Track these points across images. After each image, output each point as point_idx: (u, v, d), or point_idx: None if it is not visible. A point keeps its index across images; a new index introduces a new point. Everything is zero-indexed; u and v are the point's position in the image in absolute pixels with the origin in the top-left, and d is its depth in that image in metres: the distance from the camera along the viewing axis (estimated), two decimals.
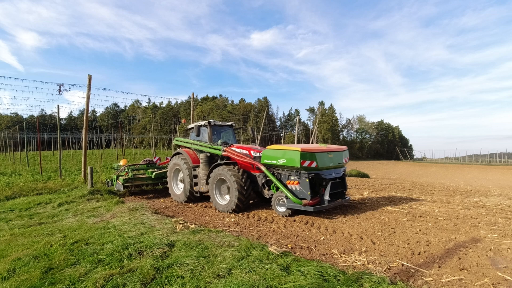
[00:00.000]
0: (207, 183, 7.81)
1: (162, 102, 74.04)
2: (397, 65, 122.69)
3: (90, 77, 10.99)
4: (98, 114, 76.04)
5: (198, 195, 8.41)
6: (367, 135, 70.53)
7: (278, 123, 71.35)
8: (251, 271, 3.37)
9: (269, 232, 5.45)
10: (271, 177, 6.66)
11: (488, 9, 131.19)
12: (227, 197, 7.38)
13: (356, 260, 3.98)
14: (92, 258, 3.94)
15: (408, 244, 4.61)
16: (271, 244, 4.44)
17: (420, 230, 5.38)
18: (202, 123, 8.84)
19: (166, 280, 3.29)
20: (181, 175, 8.86)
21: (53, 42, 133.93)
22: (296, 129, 25.44)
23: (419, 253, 4.19)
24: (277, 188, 6.66)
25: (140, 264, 3.68)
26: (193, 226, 5.63)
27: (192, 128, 9.22)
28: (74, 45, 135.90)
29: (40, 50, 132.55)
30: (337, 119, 65.33)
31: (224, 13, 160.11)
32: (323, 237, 5.07)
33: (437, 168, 28.01)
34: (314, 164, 6.13)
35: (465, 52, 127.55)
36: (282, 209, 6.60)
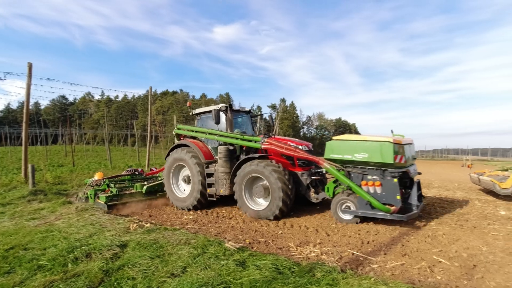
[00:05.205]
0: (231, 183, 6.36)
1: (117, 95, 69.81)
2: (355, 65, 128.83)
3: (30, 65, 9.93)
4: (42, 107, 69.24)
5: (214, 199, 6.73)
6: (326, 132, 73.54)
7: None
8: (206, 268, 3.32)
9: (228, 228, 5.43)
10: (340, 177, 5.32)
11: (436, 17, 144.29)
12: (261, 200, 6.15)
13: (311, 251, 4.13)
14: (30, 265, 3.57)
15: (359, 234, 4.90)
16: (228, 240, 4.43)
17: (370, 221, 5.75)
18: (219, 106, 7.01)
19: (115, 283, 3.10)
20: (186, 173, 7.21)
21: None
22: (258, 125, 25.66)
23: (368, 242, 4.48)
24: (335, 190, 5.63)
25: (87, 268, 3.43)
26: (148, 225, 5.39)
27: (202, 113, 7.52)
28: (11, 28, 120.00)
29: None
30: (298, 116, 67.16)
31: (185, 4, 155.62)
32: (280, 231, 5.18)
33: None
34: (403, 160, 4.96)
35: (415, 56, 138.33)
36: (348, 217, 5.43)
